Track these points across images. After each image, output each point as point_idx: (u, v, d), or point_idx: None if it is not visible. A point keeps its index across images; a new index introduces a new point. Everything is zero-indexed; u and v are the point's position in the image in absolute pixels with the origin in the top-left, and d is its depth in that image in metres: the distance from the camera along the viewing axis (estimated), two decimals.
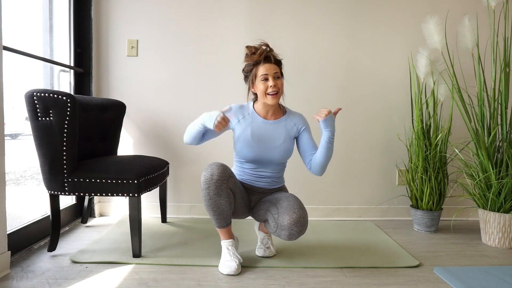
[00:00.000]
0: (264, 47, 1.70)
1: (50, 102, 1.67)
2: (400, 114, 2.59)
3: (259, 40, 1.74)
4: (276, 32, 2.53)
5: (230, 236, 1.71)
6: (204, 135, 1.76)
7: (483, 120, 2.13)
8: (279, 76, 1.69)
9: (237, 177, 1.81)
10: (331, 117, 1.65)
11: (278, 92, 1.67)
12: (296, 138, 1.79)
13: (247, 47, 1.72)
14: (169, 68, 2.54)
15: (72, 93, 2.36)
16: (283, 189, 1.86)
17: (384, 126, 2.60)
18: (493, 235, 2.06)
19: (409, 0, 2.55)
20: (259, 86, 1.68)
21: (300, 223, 1.54)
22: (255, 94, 1.76)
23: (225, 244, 1.70)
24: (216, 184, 1.54)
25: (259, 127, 1.73)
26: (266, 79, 1.66)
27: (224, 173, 1.57)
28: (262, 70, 1.66)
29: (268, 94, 1.66)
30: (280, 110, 1.80)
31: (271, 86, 1.65)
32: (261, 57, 1.67)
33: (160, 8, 2.51)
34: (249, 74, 1.74)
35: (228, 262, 1.65)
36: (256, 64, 1.69)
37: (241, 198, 1.71)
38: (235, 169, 1.83)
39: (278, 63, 1.71)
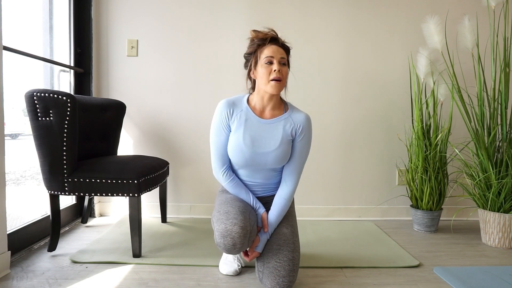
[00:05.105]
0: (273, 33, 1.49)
1: (50, 102, 1.67)
2: (400, 114, 2.59)
3: (266, 28, 1.53)
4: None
5: None
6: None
7: (483, 120, 2.13)
8: (285, 63, 1.46)
9: None
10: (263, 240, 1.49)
11: (282, 80, 1.44)
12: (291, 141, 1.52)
13: (254, 30, 1.50)
14: (169, 68, 2.54)
15: (72, 93, 2.36)
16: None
17: (384, 126, 2.60)
18: (493, 235, 2.06)
19: (409, 0, 2.55)
20: (261, 71, 1.44)
21: None
22: (254, 83, 1.55)
23: None
24: (239, 251, 1.37)
25: (252, 127, 1.49)
26: (270, 62, 1.43)
27: (245, 236, 1.34)
28: (267, 51, 1.44)
29: (270, 80, 1.43)
30: (281, 106, 1.55)
31: (275, 70, 1.42)
32: (268, 35, 1.46)
33: (160, 8, 2.51)
34: (250, 56, 1.50)
35: (230, 262, 1.65)
36: (261, 45, 1.46)
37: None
38: None
39: (287, 49, 1.49)
